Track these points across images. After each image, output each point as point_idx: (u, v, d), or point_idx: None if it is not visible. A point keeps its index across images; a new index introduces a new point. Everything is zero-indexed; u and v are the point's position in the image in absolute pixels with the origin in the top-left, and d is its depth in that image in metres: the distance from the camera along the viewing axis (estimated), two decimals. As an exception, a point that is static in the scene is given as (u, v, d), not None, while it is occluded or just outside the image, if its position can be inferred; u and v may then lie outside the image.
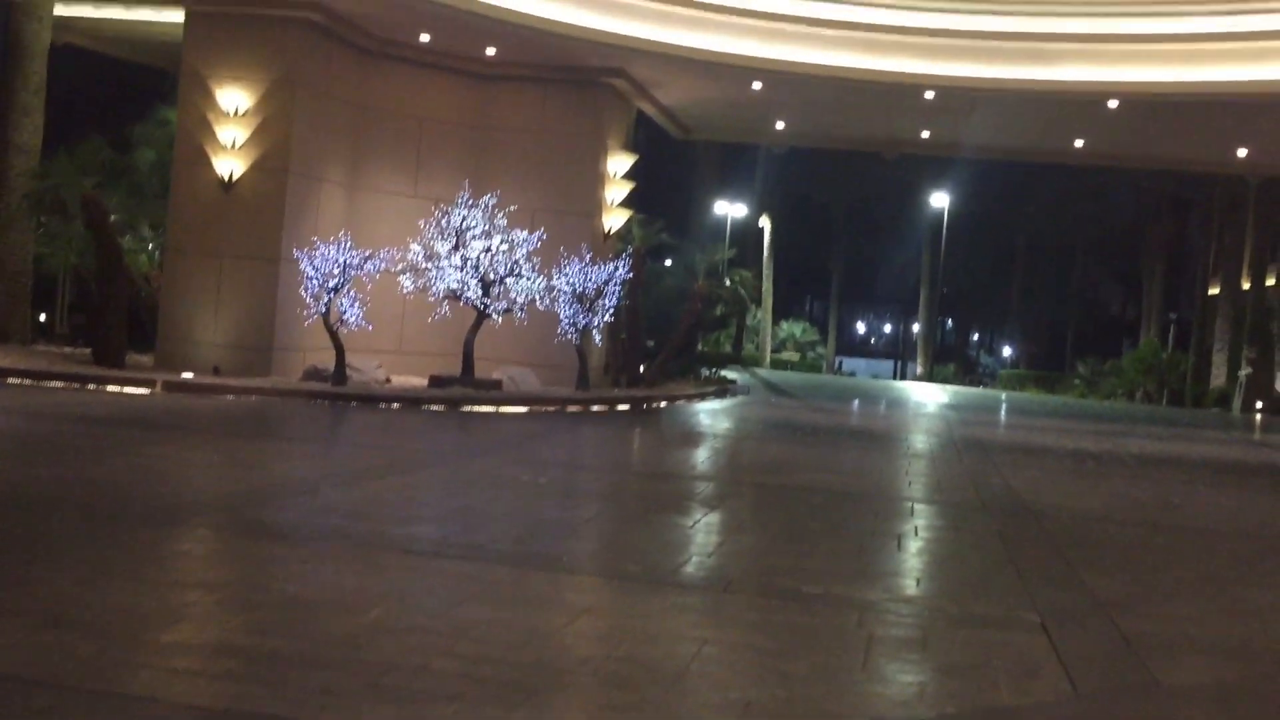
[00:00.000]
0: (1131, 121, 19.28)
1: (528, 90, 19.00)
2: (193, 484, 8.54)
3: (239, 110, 16.10)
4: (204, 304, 16.17)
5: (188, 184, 16.31)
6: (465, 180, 17.11)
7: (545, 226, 17.02)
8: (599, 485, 10.26)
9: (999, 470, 12.79)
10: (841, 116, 22.09)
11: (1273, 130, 19.43)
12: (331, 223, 16.79)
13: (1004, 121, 20.91)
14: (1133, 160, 25.48)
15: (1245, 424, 26.84)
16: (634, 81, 19.56)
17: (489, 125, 18.99)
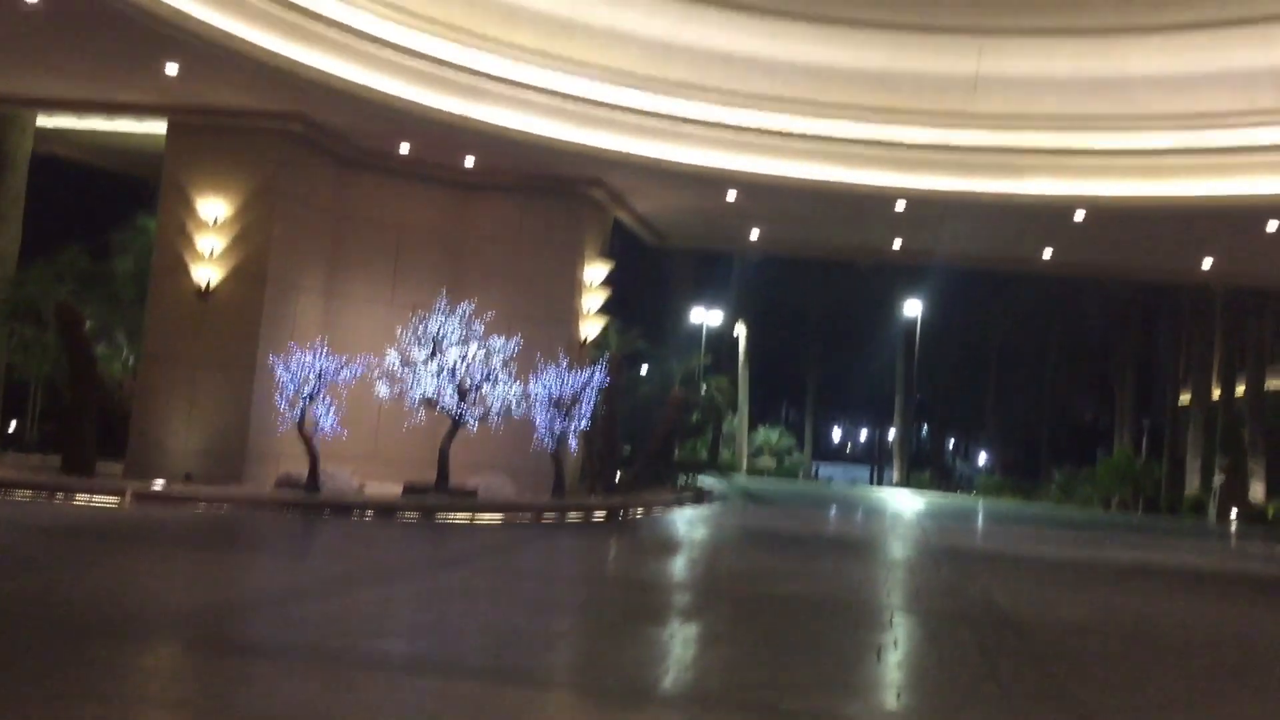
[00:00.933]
0: (1098, 232, 19.67)
1: (505, 199, 19.25)
2: (160, 598, 8.35)
3: (218, 219, 16.22)
4: (177, 411, 16.05)
5: (164, 292, 16.32)
6: (443, 287, 17.20)
7: (522, 333, 17.09)
8: (575, 596, 10.10)
9: (977, 579, 12.70)
10: (815, 226, 22.45)
11: (1236, 242, 19.86)
12: (308, 330, 16.79)
13: (974, 231, 21.30)
14: (1100, 270, 25.94)
15: (1221, 532, 26.86)
16: (611, 191, 19.86)
17: (467, 233, 19.18)
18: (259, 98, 15.71)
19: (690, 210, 21.58)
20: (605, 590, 10.67)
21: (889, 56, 16.89)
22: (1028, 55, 16.42)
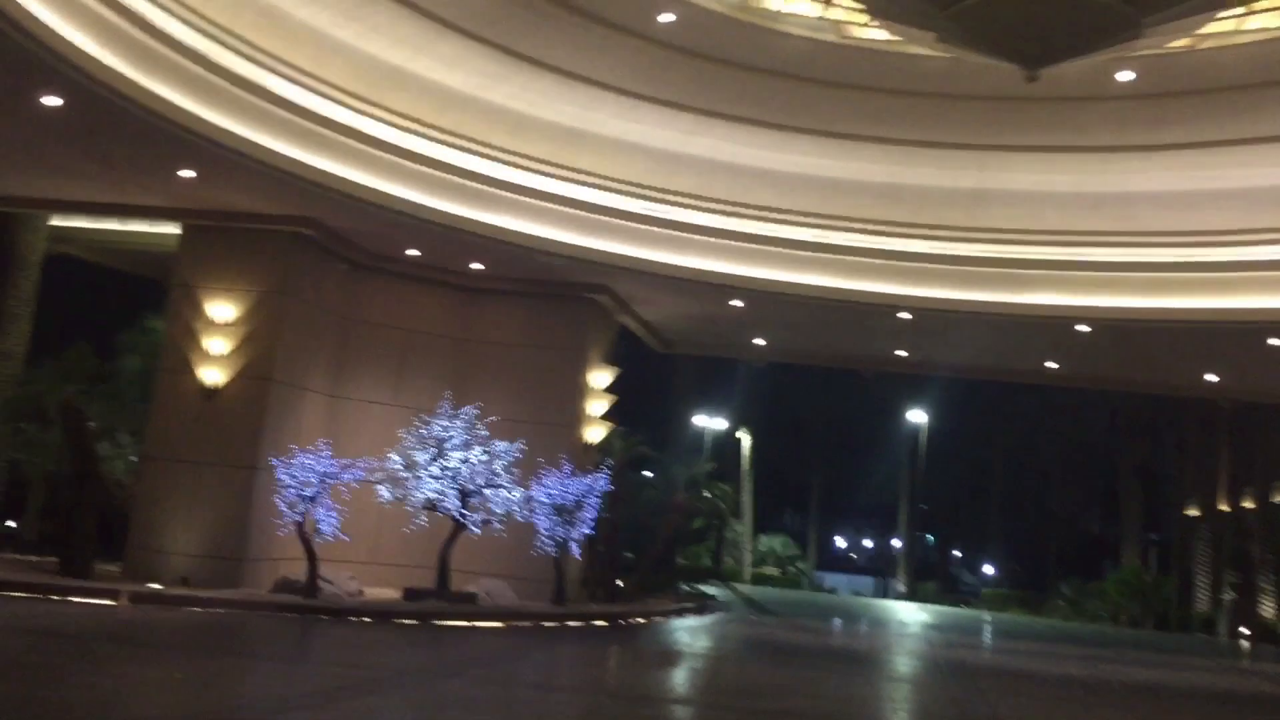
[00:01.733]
0: (1101, 345, 19.73)
1: (512, 304, 19.39)
2: (150, 705, 8.18)
3: (226, 320, 16.33)
4: (177, 512, 15.94)
5: (170, 392, 16.36)
6: (447, 390, 17.23)
7: (526, 438, 17.05)
8: (572, 709, 9.89)
9: (985, 696, 12.43)
10: (819, 334, 22.55)
11: (1239, 357, 19.89)
12: (311, 431, 16.77)
13: (978, 343, 21.38)
14: (1105, 382, 25.94)
15: (1232, 650, 26.37)
16: (617, 297, 20.01)
17: (472, 337, 19.27)
18: (271, 202, 15.96)
19: (695, 317, 21.71)
20: (604, 703, 10.45)
21: (893, 170, 17.16)
22: (1029, 171, 16.67)
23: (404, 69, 15.04)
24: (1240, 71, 13.08)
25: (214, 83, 13.55)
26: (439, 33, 14.28)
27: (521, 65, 15.10)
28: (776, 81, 14.88)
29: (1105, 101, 14.40)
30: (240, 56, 13.73)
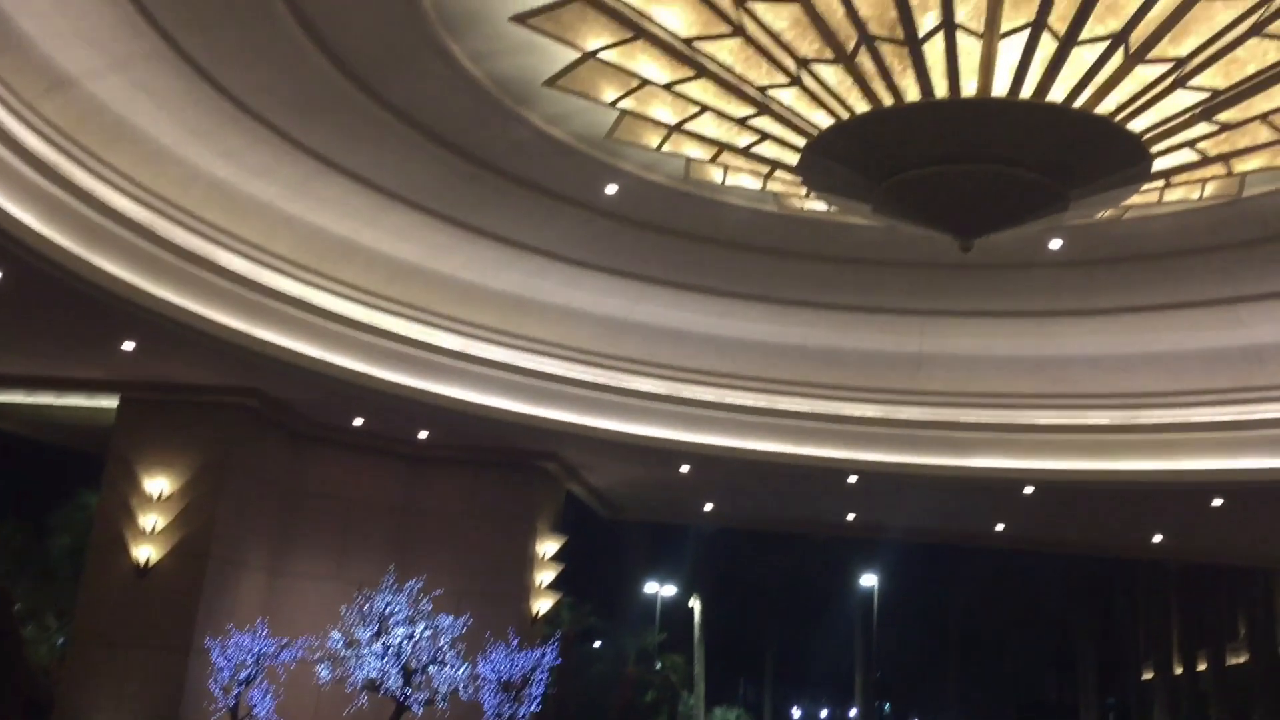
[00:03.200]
0: (1047, 507, 19.82)
1: (458, 472, 19.17)
2: None
3: (163, 494, 15.96)
4: (106, 699, 15.19)
5: (101, 571, 15.81)
6: (391, 563, 16.81)
7: (472, 610, 16.58)
8: None
9: None
10: (768, 499, 22.46)
11: (1183, 518, 20.06)
12: (249, 609, 16.22)
13: (926, 506, 21.40)
14: (1054, 544, 25.97)
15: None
16: (565, 464, 19.86)
17: (418, 507, 18.95)
18: (214, 373, 15.82)
19: (644, 483, 21.57)
20: None
21: (836, 335, 17.42)
22: (969, 335, 17.00)
23: (353, 240, 15.19)
24: (1163, 240, 13.59)
25: (159, 256, 13.58)
26: (388, 205, 14.49)
27: (469, 235, 15.31)
28: (720, 250, 15.20)
29: (1038, 268, 14.83)
30: (187, 230, 13.81)
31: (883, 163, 9.02)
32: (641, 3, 8.60)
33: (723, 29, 8.50)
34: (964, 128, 8.36)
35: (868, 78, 8.24)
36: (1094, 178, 9.02)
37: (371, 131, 12.59)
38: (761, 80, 8.85)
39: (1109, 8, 7.48)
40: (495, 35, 10.45)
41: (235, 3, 10.26)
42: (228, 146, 13.10)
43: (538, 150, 12.71)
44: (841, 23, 7.90)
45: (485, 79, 11.31)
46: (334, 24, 10.53)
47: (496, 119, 12.04)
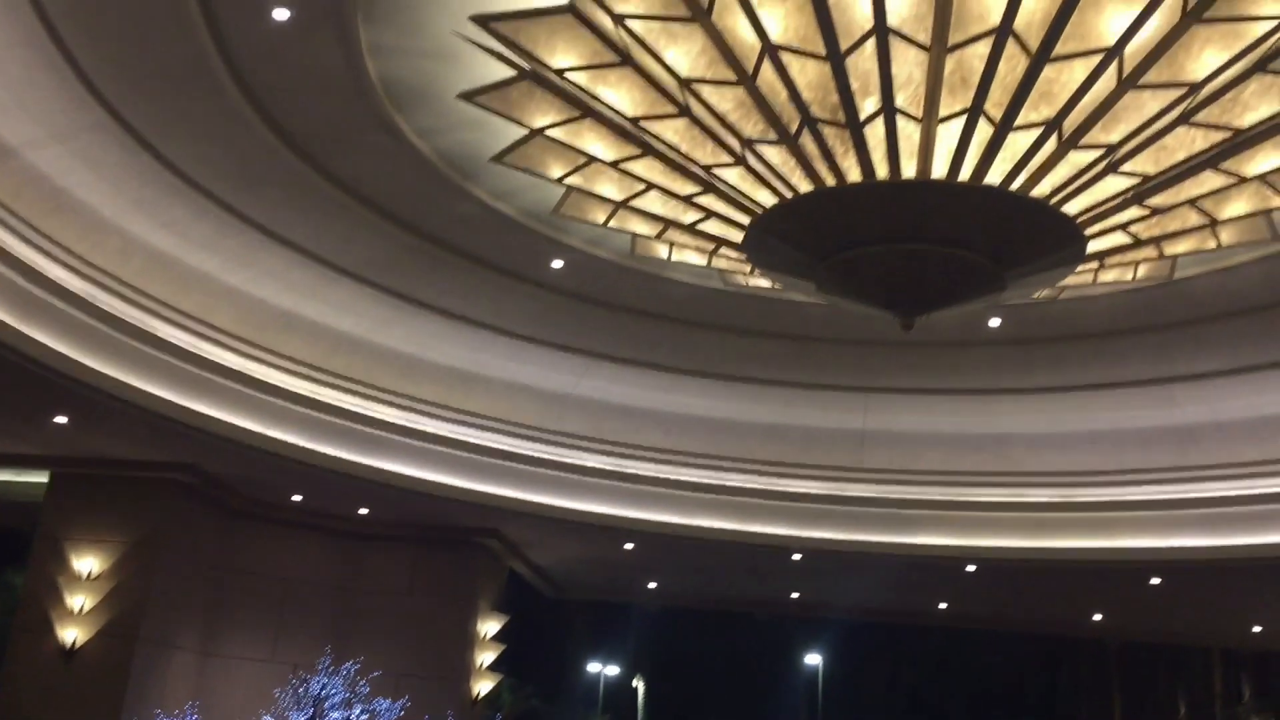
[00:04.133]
0: (990, 585, 19.89)
1: (398, 550, 18.85)
2: None
3: (92, 573, 15.52)
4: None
5: (25, 653, 15.28)
6: (328, 644, 16.41)
7: (410, 693, 16.21)
8: None
9: None
10: (713, 576, 22.33)
11: (1123, 597, 20.22)
12: (179, 692, 15.73)
13: (870, 584, 21.36)
14: (997, 622, 25.99)
15: None
16: (507, 542, 19.62)
17: (356, 586, 18.57)
18: (149, 448, 15.50)
19: (587, 561, 21.36)
20: None
21: (780, 411, 17.49)
22: (911, 412, 17.15)
23: (295, 313, 15.05)
24: (1098, 320, 13.89)
25: (96, 328, 13.35)
26: (332, 278, 14.40)
27: (414, 309, 15.24)
28: (665, 325, 15.27)
29: (978, 347, 15.05)
30: (126, 302, 13.60)
31: (825, 241, 9.15)
32: (588, 82, 8.71)
33: (669, 109, 8.63)
34: (904, 208, 8.51)
35: (811, 158, 8.39)
36: (1030, 259, 9.21)
37: (316, 204, 12.55)
38: (707, 159, 8.98)
39: (1043, 95, 7.69)
40: (443, 111, 10.52)
41: (181, 75, 10.24)
42: (170, 218, 12.99)
43: (484, 225, 12.74)
44: (785, 105, 8.05)
45: (432, 154, 11.36)
46: (281, 98, 10.54)
47: (443, 194, 12.07)
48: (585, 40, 8.41)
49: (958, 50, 7.41)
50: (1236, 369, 14.89)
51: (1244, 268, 12.15)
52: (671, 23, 7.84)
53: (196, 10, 9.16)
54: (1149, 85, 7.70)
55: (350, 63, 9.74)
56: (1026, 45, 7.36)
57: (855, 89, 7.71)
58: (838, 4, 7.31)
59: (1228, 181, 8.89)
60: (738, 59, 7.85)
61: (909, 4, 7.24)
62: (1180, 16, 7.27)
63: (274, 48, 9.66)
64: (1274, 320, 13.45)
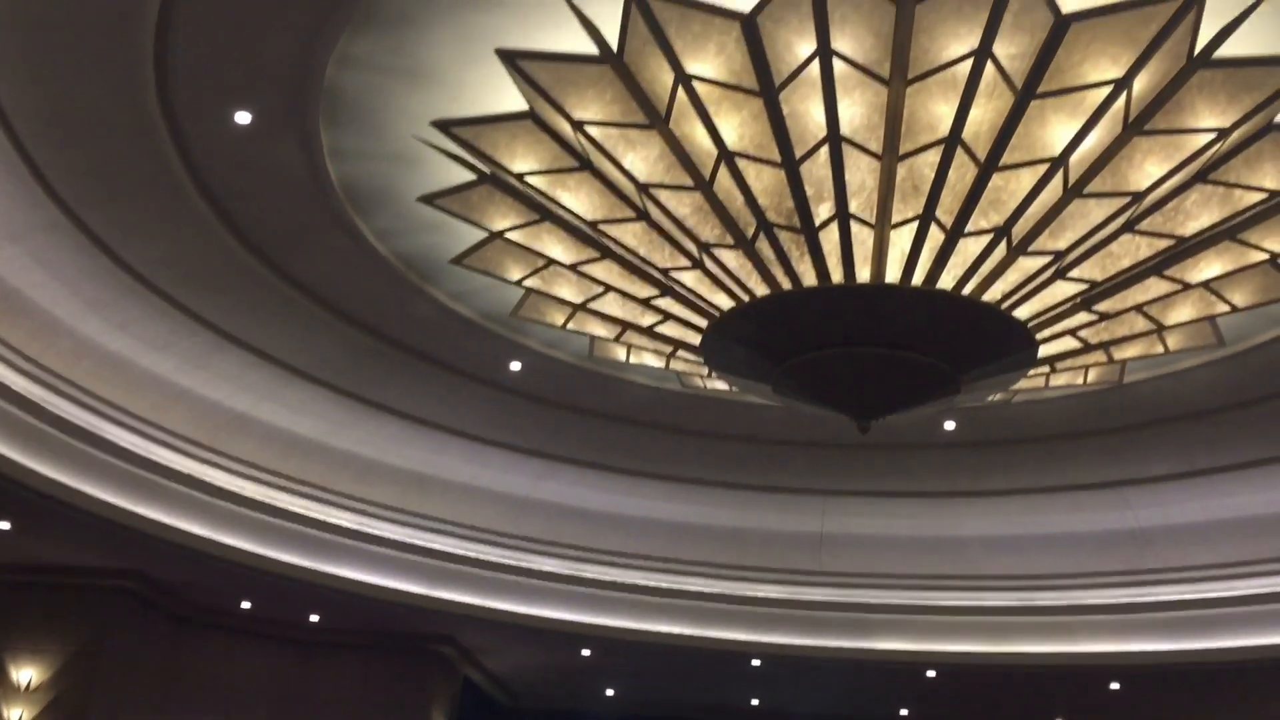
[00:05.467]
0: (951, 691, 19.68)
1: (350, 658, 18.43)
2: None
3: (31, 684, 15.00)
4: None
5: (-46, 767, 14.66)
6: (274, 757, 15.94)
7: (358, 809, 15.70)
8: None
9: None
10: (672, 683, 21.93)
11: (1083, 702, 20.07)
12: (115, 809, 15.11)
13: (831, 689, 21.11)
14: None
15: None
16: (462, 648, 19.23)
17: (306, 696, 18.07)
18: (93, 554, 15.15)
19: (544, 668, 20.95)
20: None
21: (739, 514, 17.44)
22: (869, 515, 17.15)
23: (249, 415, 14.90)
24: (1050, 423, 14.05)
25: (43, 430, 13.13)
26: (287, 379, 14.30)
27: (370, 411, 15.14)
28: (623, 427, 15.25)
29: (934, 449, 15.14)
30: (75, 404, 13.40)
31: (781, 345, 9.22)
32: (548, 186, 8.83)
33: (627, 213, 8.74)
34: (858, 313, 8.62)
35: (767, 262, 8.50)
36: (983, 362, 9.32)
37: (273, 305, 12.52)
38: (665, 262, 9.07)
39: (992, 203, 7.88)
40: (403, 214, 10.59)
41: (140, 177, 10.26)
42: (124, 319, 12.89)
43: (442, 327, 12.74)
44: (741, 210, 8.19)
45: (391, 256, 11.40)
46: (240, 200, 10.58)
47: (402, 295, 12.08)
48: (545, 145, 8.54)
49: (909, 159, 7.60)
50: (1188, 472, 15.08)
51: (1192, 372, 12.39)
52: (630, 129, 7.99)
53: (157, 112, 9.22)
54: (1094, 194, 7.91)
55: (311, 166, 9.81)
56: (975, 155, 7.56)
57: (810, 195, 7.87)
58: (792, 113, 7.48)
59: (1173, 288, 9.09)
60: (695, 165, 7.99)
61: (861, 114, 7.42)
62: (1122, 128, 7.50)
63: (234, 150, 9.72)
64: (1223, 425, 13.67)
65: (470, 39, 8.19)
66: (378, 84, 8.83)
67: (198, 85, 8.88)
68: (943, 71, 7.17)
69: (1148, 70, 7.15)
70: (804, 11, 6.98)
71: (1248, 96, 7.40)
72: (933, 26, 6.98)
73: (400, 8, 7.94)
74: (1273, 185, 8.07)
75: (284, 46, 8.33)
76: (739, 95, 7.51)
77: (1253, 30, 7.21)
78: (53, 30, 8.42)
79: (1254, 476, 14.84)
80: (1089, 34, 7.00)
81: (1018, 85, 7.20)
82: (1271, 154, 7.92)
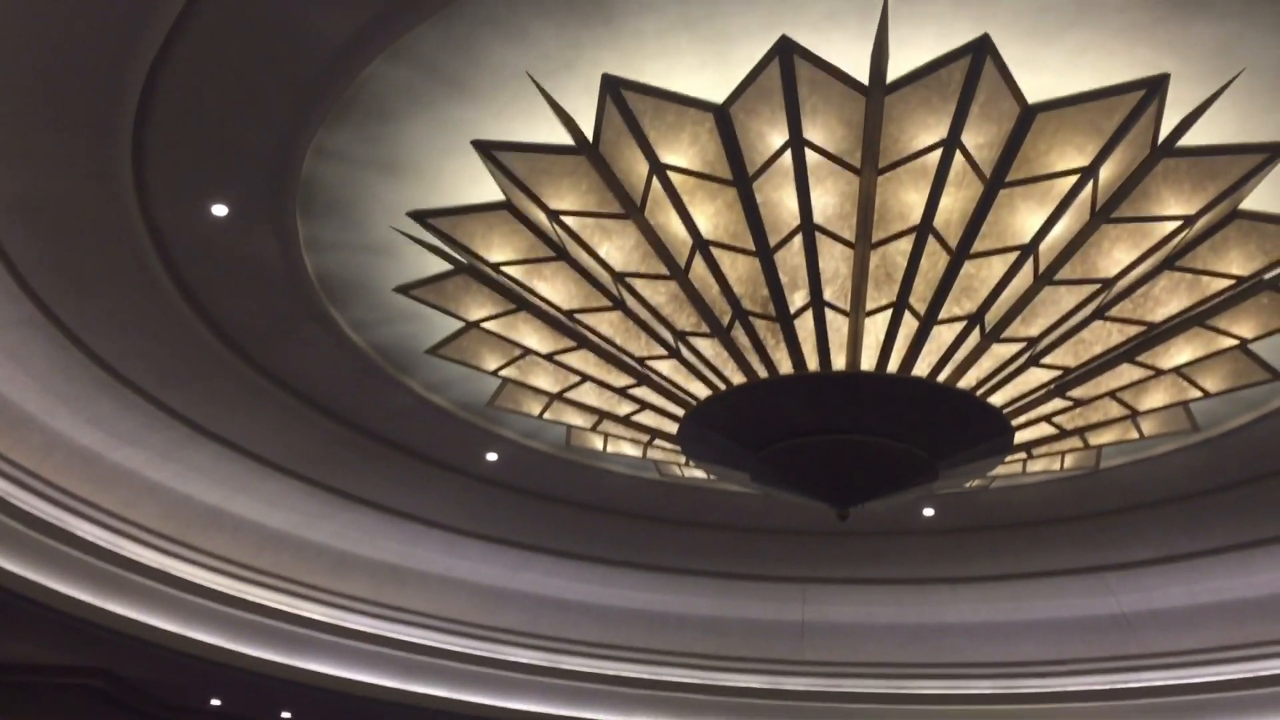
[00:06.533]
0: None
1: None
2: None
3: (-11, 787, 14.52)
4: None
5: None
6: None
7: None
8: None
9: None
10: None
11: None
12: None
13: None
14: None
15: None
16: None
17: (276, 798, 17.59)
18: (59, 652, 14.79)
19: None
20: None
21: (719, 603, 17.26)
22: (850, 603, 17.01)
23: (221, 508, 14.70)
24: (1029, 510, 14.04)
25: (10, 526, 12.93)
26: (260, 472, 14.16)
27: (344, 502, 14.98)
28: (601, 517, 15.13)
29: (914, 536, 15.07)
30: (43, 499, 13.20)
31: (758, 433, 9.20)
32: (524, 276, 8.86)
33: (603, 302, 8.77)
34: (835, 400, 8.62)
35: (743, 351, 8.52)
36: (959, 449, 9.32)
37: (247, 397, 12.43)
38: (641, 351, 9.08)
39: (964, 290, 7.95)
40: (378, 304, 10.59)
41: (114, 269, 10.24)
42: (95, 413, 12.76)
43: (418, 417, 12.68)
44: (717, 299, 8.23)
45: (367, 347, 11.37)
46: (215, 292, 10.56)
47: (377, 386, 12.03)
48: (521, 235, 8.60)
49: (881, 246, 7.68)
50: (1169, 557, 15.04)
51: (1168, 457, 12.43)
52: (606, 219, 8.05)
53: (134, 204, 9.24)
54: (1064, 281, 8.00)
55: (287, 257, 9.83)
56: (946, 242, 7.65)
57: (785, 283, 7.92)
58: (766, 202, 7.57)
59: (1145, 374, 9.15)
60: (671, 254, 8.05)
61: (834, 202, 7.52)
62: (1090, 216, 7.62)
63: (210, 242, 9.73)
64: (1200, 509, 13.68)
65: (447, 131, 8.27)
66: (355, 175, 8.89)
67: (175, 177, 8.91)
68: (913, 161, 7.29)
69: (1113, 159, 7.29)
70: (776, 102, 7.10)
71: (1211, 184, 7.54)
72: (902, 117, 7.11)
73: (378, 100, 8.04)
74: (1239, 271, 8.19)
75: (263, 138, 8.39)
76: (713, 185, 7.60)
77: (1215, 120, 7.38)
78: (27, 120, 8.46)
79: (1233, 561, 14.82)
80: (1055, 124, 7.15)
81: (986, 174, 7.33)
82: (1237, 241, 8.05)
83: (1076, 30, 6.95)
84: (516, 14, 7.15)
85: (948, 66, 6.89)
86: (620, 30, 7.21)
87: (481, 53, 7.51)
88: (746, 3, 6.92)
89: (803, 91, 7.02)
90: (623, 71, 7.38)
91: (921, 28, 6.97)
